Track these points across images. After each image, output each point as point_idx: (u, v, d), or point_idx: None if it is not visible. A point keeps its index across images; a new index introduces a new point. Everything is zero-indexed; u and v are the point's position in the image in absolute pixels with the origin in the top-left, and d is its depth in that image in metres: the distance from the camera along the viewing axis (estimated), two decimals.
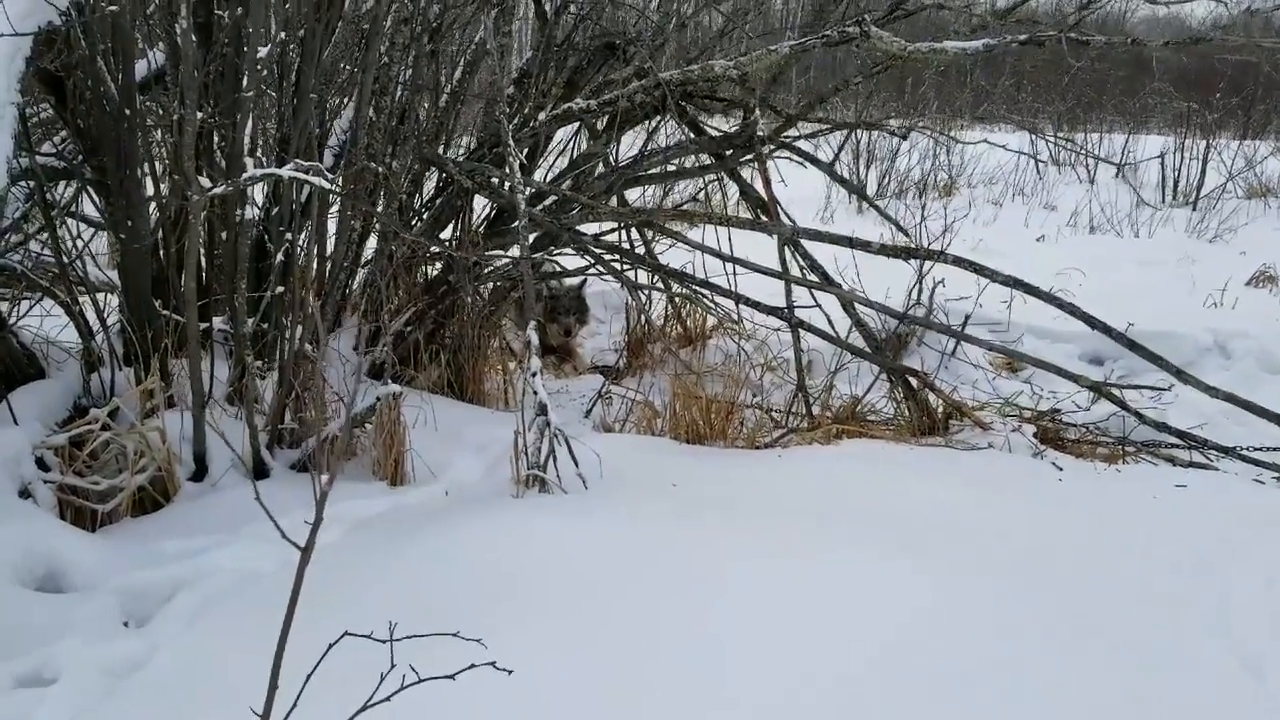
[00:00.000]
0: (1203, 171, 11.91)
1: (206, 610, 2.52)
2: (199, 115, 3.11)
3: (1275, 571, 2.82)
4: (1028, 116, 15.36)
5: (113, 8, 3.09)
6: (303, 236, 3.74)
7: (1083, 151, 9.28)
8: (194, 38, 3.00)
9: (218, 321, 3.90)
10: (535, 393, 3.27)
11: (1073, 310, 4.10)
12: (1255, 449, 3.88)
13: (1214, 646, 2.44)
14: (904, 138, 5.00)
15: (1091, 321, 4.07)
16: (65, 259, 3.56)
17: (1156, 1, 4.71)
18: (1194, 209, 11.05)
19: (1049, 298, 4.15)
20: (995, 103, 16.75)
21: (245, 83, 3.11)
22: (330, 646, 1.50)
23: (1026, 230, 9.80)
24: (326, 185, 2.61)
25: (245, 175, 2.73)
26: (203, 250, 4.06)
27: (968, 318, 5.08)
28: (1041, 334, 5.75)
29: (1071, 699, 2.21)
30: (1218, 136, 12.91)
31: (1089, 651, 2.39)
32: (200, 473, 3.41)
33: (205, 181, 2.94)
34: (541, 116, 4.43)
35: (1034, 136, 7.57)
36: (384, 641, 1.47)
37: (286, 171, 2.63)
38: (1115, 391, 4.09)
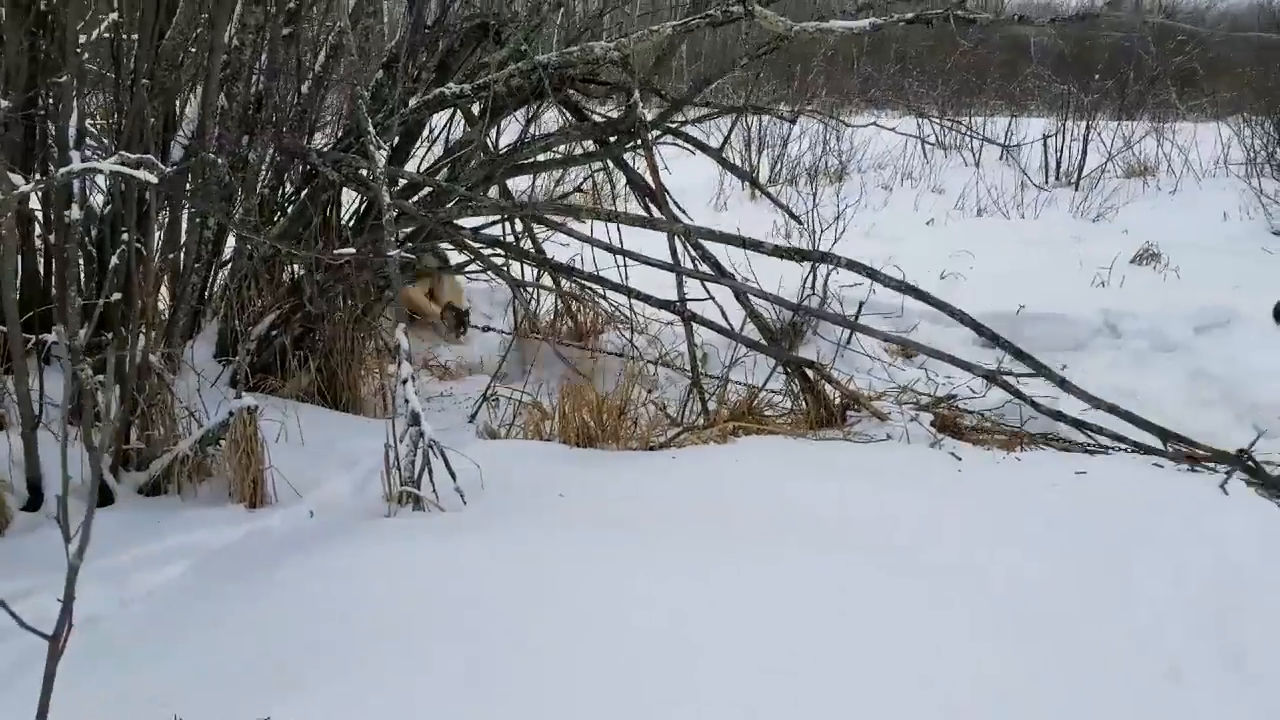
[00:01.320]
0: (1084, 152, 12.13)
1: (30, 666, 2.19)
2: (8, 102, 2.77)
3: (1182, 559, 2.75)
4: (914, 101, 15.53)
5: None
6: (149, 236, 3.41)
7: (970, 132, 9.32)
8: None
9: (56, 331, 3.54)
10: (407, 401, 3.02)
11: (961, 317, 4.04)
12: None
13: (1132, 647, 2.35)
14: (793, 121, 4.87)
15: (979, 328, 4.04)
16: None
17: None
18: (1077, 189, 11.25)
19: (938, 303, 4.07)
20: (882, 89, 16.89)
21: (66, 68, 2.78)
22: None
23: (916, 214, 9.82)
24: (152, 179, 2.32)
25: (62, 170, 2.41)
26: (40, 254, 3.72)
27: (862, 305, 5.00)
28: (935, 319, 5.67)
29: (988, 693, 2.12)
30: (1096, 118, 13.17)
31: (999, 654, 2.28)
32: (35, 501, 3.07)
33: (18, 179, 2.60)
34: (412, 102, 4.15)
35: (921, 120, 7.55)
36: None
37: (109, 165, 2.33)
38: (1010, 379, 4.02)
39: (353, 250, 3.61)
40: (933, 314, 5.71)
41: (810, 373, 4.13)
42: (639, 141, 4.37)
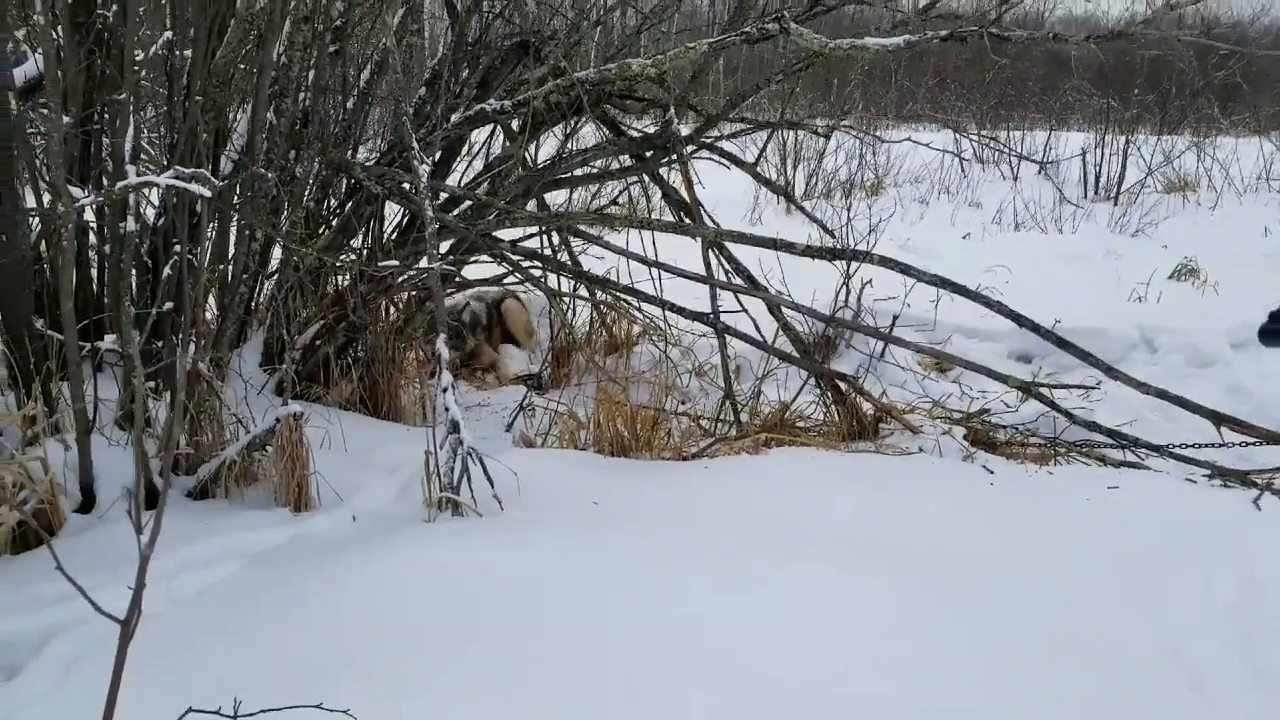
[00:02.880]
0: (1123, 166, 12.06)
1: (82, 661, 2.30)
2: (69, 119, 2.88)
3: (1211, 575, 2.76)
4: (951, 115, 15.50)
5: None
6: (199, 248, 3.52)
7: (1006, 149, 9.31)
8: (56, 36, 2.77)
9: (109, 340, 3.66)
10: (447, 409, 3.10)
11: (1000, 308, 4.05)
12: (1186, 446, 3.84)
13: (1158, 661, 2.37)
14: (827, 137, 4.92)
15: (1019, 319, 4.02)
16: None
17: None
18: (1115, 204, 11.19)
19: (975, 296, 4.09)
20: (919, 101, 16.88)
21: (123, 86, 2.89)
22: None
23: (953, 228, 9.82)
24: (206, 194, 2.42)
25: (119, 184, 2.52)
26: (93, 265, 3.84)
27: (895, 318, 5.02)
28: (970, 333, 5.71)
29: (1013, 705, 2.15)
30: (1136, 132, 13.09)
31: (1026, 667, 2.31)
32: (88, 504, 3.17)
33: (77, 192, 2.71)
34: (454, 118, 4.25)
35: (958, 135, 7.56)
36: (232, 718, 1.29)
37: (164, 179, 2.43)
38: (1045, 391, 4.03)
39: (395, 263, 3.70)
40: (966, 328, 5.75)
41: (843, 385, 4.17)
42: (674, 156, 4.43)
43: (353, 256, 4.29)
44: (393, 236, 4.46)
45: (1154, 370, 5.24)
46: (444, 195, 4.28)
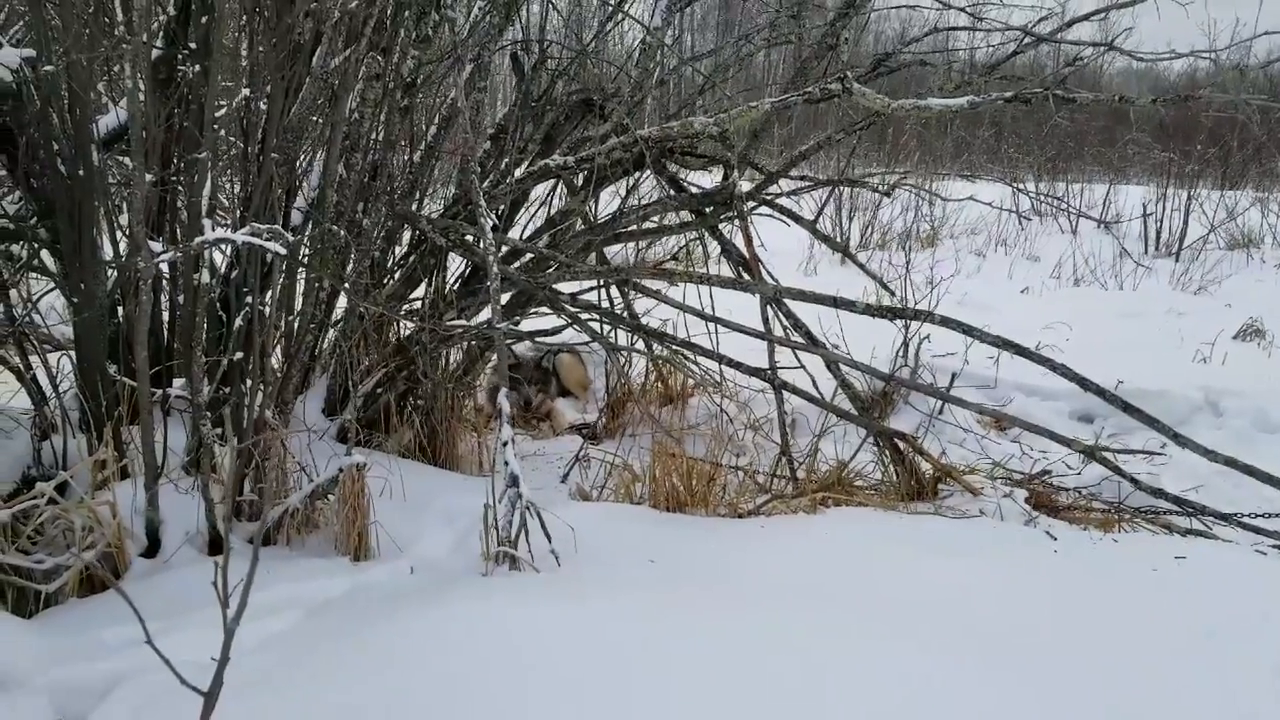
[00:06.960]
0: (1185, 222, 11.91)
1: (146, 710, 2.33)
2: (151, 175, 2.97)
3: None
4: (1008, 168, 15.43)
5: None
6: (268, 298, 3.59)
7: (1065, 207, 9.24)
8: (142, 94, 2.87)
9: (178, 385, 3.74)
10: (506, 463, 3.12)
11: (1063, 370, 3.99)
12: (1255, 515, 3.75)
13: None
14: (887, 194, 4.92)
15: (1084, 383, 3.96)
16: (15, 320, 3.41)
17: (1139, 57, 4.66)
18: (1177, 260, 11.04)
19: (1038, 357, 4.04)
20: (976, 153, 16.84)
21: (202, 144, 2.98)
22: None
23: (1010, 282, 9.74)
24: (281, 251, 2.47)
25: (196, 240, 2.59)
26: (165, 311, 3.93)
27: (955, 376, 4.98)
28: (1030, 391, 5.64)
29: None
30: (1198, 187, 12.94)
31: None
32: (153, 548, 3.23)
33: (156, 246, 2.79)
34: (518, 173, 4.32)
35: (1015, 190, 7.53)
36: None
37: (240, 236, 2.49)
38: (1109, 455, 3.96)
39: (462, 322, 3.75)
40: (1027, 386, 5.68)
41: (901, 444, 4.13)
42: (734, 212, 4.46)
43: (416, 306, 4.35)
44: (455, 287, 4.53)
45: (1219, 435, 5.14)
46: (505, 248, 4.34)
